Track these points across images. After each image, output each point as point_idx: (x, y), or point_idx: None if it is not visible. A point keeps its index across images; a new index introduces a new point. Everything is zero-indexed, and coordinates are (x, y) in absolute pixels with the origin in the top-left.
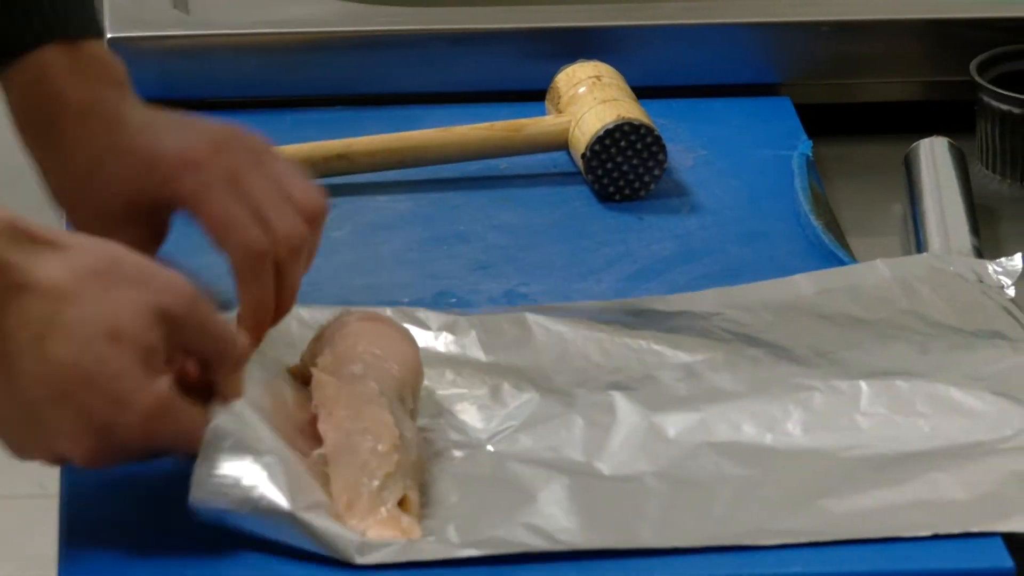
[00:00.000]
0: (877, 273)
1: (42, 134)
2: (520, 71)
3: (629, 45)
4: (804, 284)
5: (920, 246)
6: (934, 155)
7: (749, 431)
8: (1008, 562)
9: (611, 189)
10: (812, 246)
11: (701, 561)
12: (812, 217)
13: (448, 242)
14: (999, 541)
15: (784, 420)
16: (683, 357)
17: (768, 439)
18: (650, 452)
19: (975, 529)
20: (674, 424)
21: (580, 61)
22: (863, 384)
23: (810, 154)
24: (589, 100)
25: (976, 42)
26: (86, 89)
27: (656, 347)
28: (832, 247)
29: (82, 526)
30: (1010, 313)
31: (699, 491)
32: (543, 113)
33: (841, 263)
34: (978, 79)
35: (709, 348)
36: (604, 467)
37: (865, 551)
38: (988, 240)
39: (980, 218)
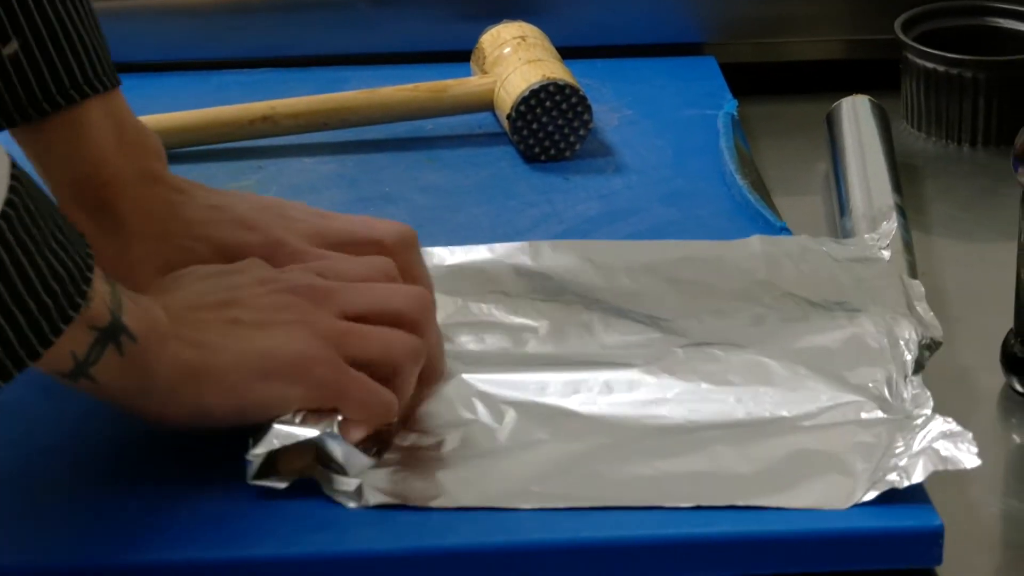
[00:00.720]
0: (749, 248)
1: (88, 197)
2: (445, 32)
3: (554, 5)
4: (671, 250)
5: (843, 204)
6: (856, 113)
7: (554, 393)
8: (936, 520)
9: (537, 150)
10: (738, 205)
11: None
12: (738, 176)
13: (375, 203)
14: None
15: (593, 386)
16: (514, 320)
17: (572, 402)
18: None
19: (740, 503)
20: (485, 383)
21: (505, 22)
22: (680, 352)
23: (735, 113)
24: (514, 61)
25: (900, 0)
26: (137, 160)
27: (496, 311)
28: (758, 206)
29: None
30: (860, 286)
31: (488, 454)
32: (468, 74)
33: (767, 222)
34: (902, 37)
35: (547, 313)
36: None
37: (786, 515)
38: (911, 197)
39: (905, 176)
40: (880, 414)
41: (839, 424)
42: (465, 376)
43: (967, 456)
